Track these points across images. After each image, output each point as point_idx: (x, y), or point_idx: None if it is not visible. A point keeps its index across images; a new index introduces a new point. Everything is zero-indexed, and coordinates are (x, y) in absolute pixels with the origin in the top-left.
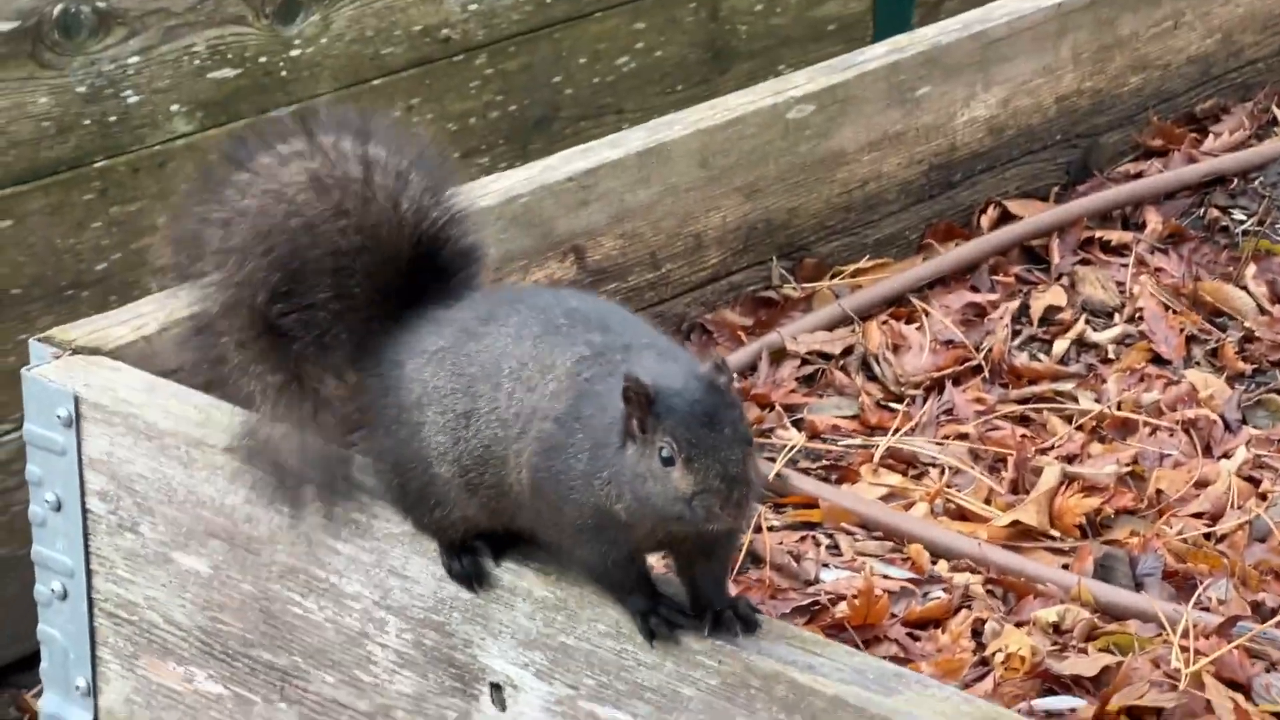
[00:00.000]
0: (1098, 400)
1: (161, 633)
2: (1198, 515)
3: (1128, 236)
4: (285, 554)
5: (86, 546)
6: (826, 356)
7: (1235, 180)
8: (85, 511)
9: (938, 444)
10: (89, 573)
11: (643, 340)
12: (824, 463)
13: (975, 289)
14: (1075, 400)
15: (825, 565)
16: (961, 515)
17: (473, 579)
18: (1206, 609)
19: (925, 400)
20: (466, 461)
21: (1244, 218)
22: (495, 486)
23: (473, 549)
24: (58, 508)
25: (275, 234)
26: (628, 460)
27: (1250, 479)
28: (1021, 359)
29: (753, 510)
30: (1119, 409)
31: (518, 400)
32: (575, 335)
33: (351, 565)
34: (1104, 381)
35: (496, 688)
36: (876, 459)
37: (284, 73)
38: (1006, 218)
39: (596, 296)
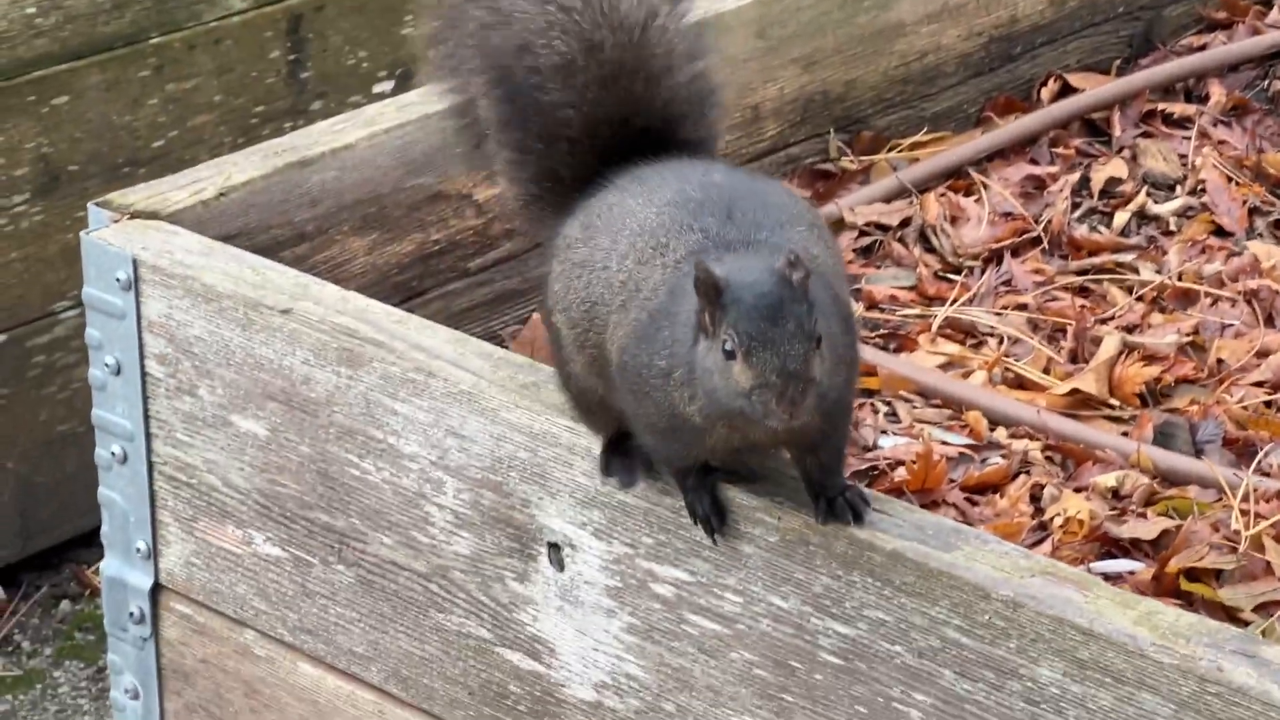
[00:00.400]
0: (1159, 271)
1: (220, 496)
2: (1259, 384)
3: (1190, 109)
4: (343, 415)
5: (146, 410)
6: (884, 228)
7: None
8: (144, 375)
9: (996, 314)
10: (148, 436)
11: (758, 235)
12: (882, 332)
13: (1035, 162)
14: (1136, 271)
15: (884, 432)
16: (1020, 384)
17: (626, 483)
18: (1267, 474)
19: (983, 271)
20: (575, 314)
21: None
22: (598, 348)
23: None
24: (117, 371)
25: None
26: (699, 355)
27: None
28: (1081, 231)
29: (822, 405)
30: (1180, 280)
31: (628, 268)
32: (696, 217)
33: (409, 426)
34: (1165, 253)
35: (554, 547)
36: (935, 328)
37: None
38: (1067, 91)
39: (747, 173)
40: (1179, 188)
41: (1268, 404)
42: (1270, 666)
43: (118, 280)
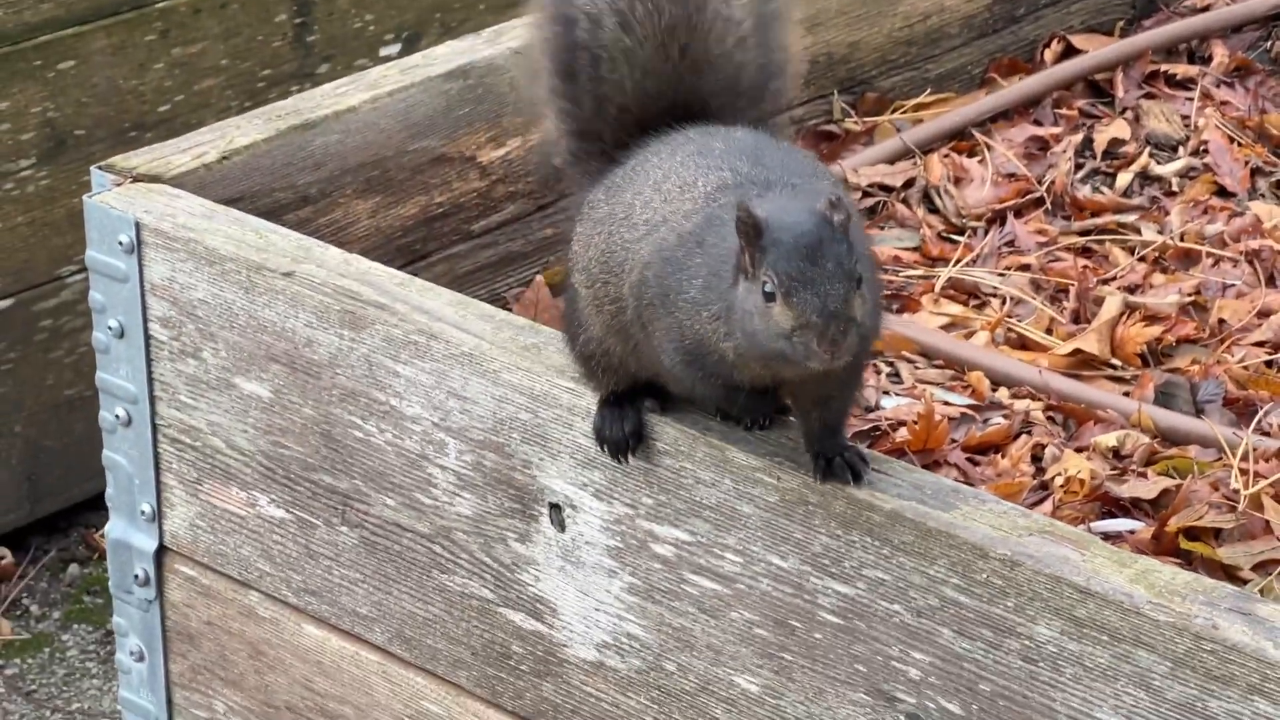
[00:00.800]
0: (1160, 232)
1: (224, 458)
2: (1259, 344)
3: (1193, 70)
4: (345, 377)
5: (149, 372)
6: (888, 189)
7: None
8: (148, 338)
9: (999, 274)
10: (152, 399)
11: (790, 179)
12: (885, 293)
13: (1038, 122)
14: (1138, 232)
15: (886, 393)
16: (1022, 344)
17: (624, 445)
18: (1267, 433)
19: (986, 232)
20: (594, 270)
21: None
22: (616, 302)
23: (631, 407)
24: (120, 334)
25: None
26: (739, 296)
27: None
28: (1084, 191)
29: (862, 347)
30: (1182, 240)
31: (652, 209)
32: (725, 161)
33: (411, 388)
34: (1167, 213)
35: (556, 508)
36: (938, 289)
37: None
38: (1070, 52)
39: (772, 136)
40: (1181, 149)
41: (1268, 364)
42: (1265, 624)
43: (120, 243)
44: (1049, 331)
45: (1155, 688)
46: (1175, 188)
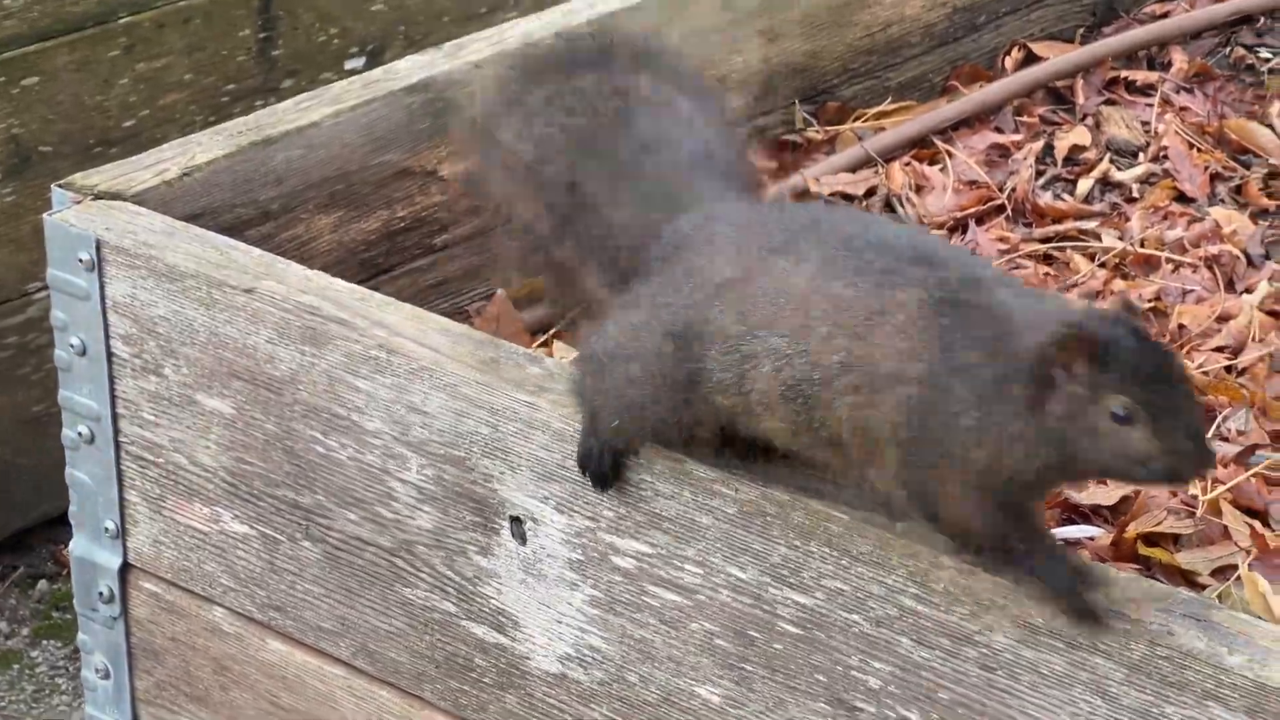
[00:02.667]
0: (1121, 238)
1: (187, 474)
2: (1219, 349)
3: (1153, 76)
4: (307, 393)
5: (112, 390)
6: (850, 198)
7: (1262, 19)
8: (110, 355)
9: None
10: (115, 416)
11: (983, 274)
12: None
13: (999, 130)
14: (1099, 238)
15: None
16: None
17: (608, 477)
18: (1225, 439)
19: (949, 239)
20: (756, 393)
21: (1270, 56)
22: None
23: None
24: (82, 352)
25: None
26: (1050, 415)
27: (1272, 313)
28: (1045, 198)
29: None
30: (1142, 246)
31: (841, 348)
32: (900, 272)
33: (371, 402)
34: (1128, 219)
35: (516, 521)
36: None
37: None
38: (1031, 59)
39: (892, 222)
40: (1141, 154)
41: (1228, 369)
42: (1219, 630)
43: (81, 261)
44: None
45: (1111, 694)
46: (1136, 193)
